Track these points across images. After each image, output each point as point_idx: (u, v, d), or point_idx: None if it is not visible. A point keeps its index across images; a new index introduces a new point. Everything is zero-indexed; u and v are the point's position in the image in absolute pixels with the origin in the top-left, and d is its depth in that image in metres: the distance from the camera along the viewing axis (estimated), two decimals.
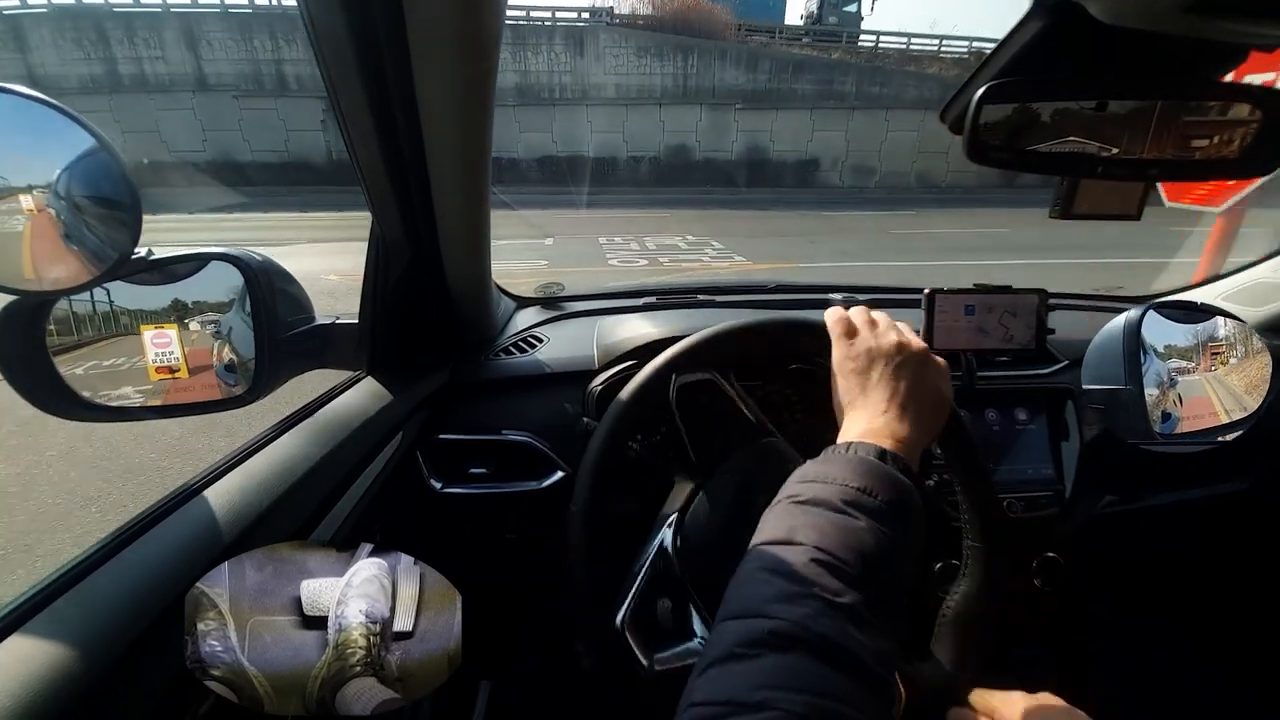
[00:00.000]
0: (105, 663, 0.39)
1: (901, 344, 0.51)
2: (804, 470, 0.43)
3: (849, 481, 0.40)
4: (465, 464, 0.86)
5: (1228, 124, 0.43)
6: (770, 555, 0.37)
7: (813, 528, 0.37)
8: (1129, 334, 0.85)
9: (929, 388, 0.50)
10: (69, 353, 0.54)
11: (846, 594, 0.33)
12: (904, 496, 0.40)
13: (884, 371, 0.49)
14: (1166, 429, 0.85)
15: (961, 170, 16.02)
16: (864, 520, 0.37)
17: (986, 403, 0.95)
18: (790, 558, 0.36)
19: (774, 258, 7.41)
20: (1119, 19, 0.33)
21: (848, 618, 0.32)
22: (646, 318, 1.03)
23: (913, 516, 0.40)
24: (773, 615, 0.32)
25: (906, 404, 0.48)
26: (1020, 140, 0.44)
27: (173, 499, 0.53)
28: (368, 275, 0.76)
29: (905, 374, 0.49)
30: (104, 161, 0.43)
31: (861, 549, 0.36)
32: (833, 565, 0.35)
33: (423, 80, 0.53)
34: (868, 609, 0.34)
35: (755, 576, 0.36)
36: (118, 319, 0.58)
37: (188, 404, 0.62)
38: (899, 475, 0.41)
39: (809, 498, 0.40)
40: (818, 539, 0.36)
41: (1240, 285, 1.15)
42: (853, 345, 0.52)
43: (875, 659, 0.32)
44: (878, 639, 0.33)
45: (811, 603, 0.33)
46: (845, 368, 0.51)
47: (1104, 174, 0.45)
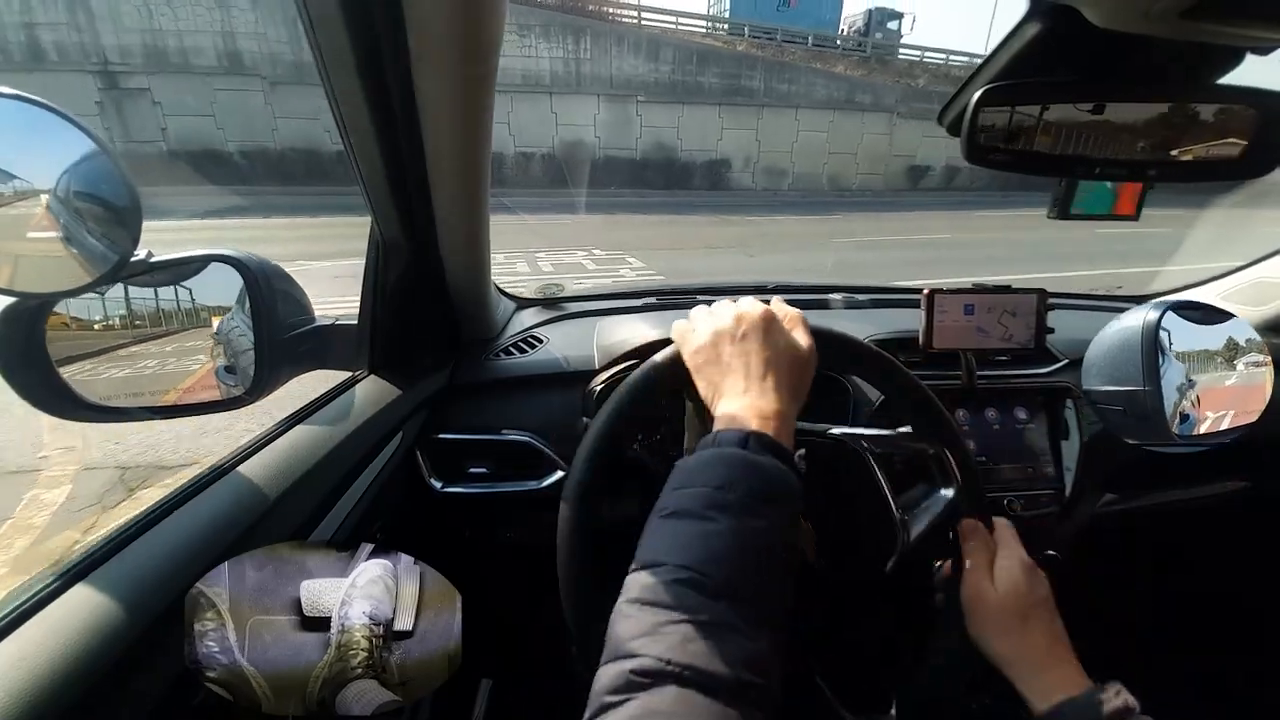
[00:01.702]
0: (106, 662, 0.40)
1: (739, 316, 0.49)
2: (674, 473, 0.43)
3: (709, 482, 0.39)
4: (465, 464, 0.86)
5: (1225, 125, 0.43)
6: (636, 584, 0.36)
7: (675, 543, 0.37)
8: (1147, 335, 0.85)
9: (781, 348, 0.48)
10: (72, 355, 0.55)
11: (710, 609, 0.33)
12: (768, 482, 0.39)
13: (731, 350, 0.47)
14: (1185, 430, 0.84)
15: (870, 173, 15.92)
16: (724, 521, 0.37)
17: (986, 402, 0.95)
18: (654, 582, 0.35)
19: (711, 277, 6.59)
20: (1115, 23, 0.33)
21: (714, 636, 0.32)
22: (646, 318, 1.03)
23: (783, 498, 0.40)
24: (637, 653, 0.32)
25: (764, 373, 0.46)
26: (1018, 142, 0.44)
27: (173, 499, 0.53)
28: (368, 275, 0.76)
29: (752, 343, 0.47)
30: (103, 165, 0.43)
31: (724, 555, 0.36)
32: (696, 581, 0.34)
33: (423, 82, 0.53)
34: (736, 617, 0.33)
35: (622, 612, 0.35)
36: (118, 320, 0.58)
37: (188, 405, 0.62)
38: (761, 459, 0.40)
39: (673, 508, 0.39)
40: (679, 555, 0.36)
41: (1240, 285, 1.15)
42: (694, 336, 0.50)
43: (748, 667, 0.31)
44: (749, 644, 0.32)
45: (675, 630, 0.32)
46: (695, 362, 0.49)
47: (1102, 175, 0.45)
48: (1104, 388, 0.88)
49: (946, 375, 0.90)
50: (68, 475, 2.26)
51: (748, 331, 0.48)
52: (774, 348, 0.47)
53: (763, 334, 0.48)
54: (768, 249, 7.96)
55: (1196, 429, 0.85)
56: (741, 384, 0.46)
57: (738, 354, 0.47)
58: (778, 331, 0.49)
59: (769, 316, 0.49)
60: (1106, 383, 0.88)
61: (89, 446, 2.43)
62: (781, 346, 0.48)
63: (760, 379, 0.46)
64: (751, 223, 10.25)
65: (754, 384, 0.45)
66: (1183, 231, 3.75)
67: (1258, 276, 1.13)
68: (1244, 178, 0.45)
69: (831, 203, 13.35)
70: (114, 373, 0.59)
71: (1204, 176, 0.46)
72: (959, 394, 0.90)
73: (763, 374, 0.46)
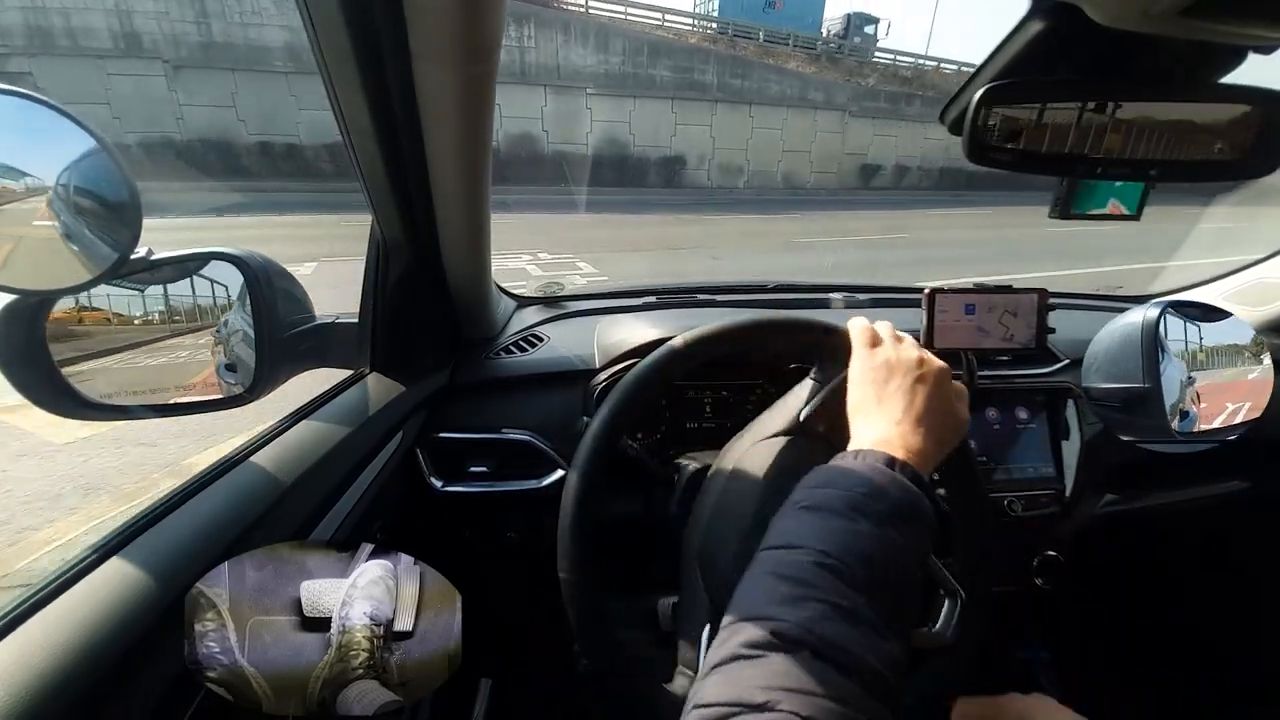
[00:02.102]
0: (106, 662, 0.40)
1: (923, 360, 0.51)
2: (813, 475, 0.44)
3: (855, 487, 0.40)
4: (465, 463, 0.86)
5: (1226, 125, 0.43)
6: (775, 559, 0.37)
7: (817, 532, 0.38)
8: (1147, 332, 0.85)
9: (946, 406, 0.50)
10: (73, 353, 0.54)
11: (850, 597, 0.34)
12: (912, 502, 0.40)
13: (901, 384, 0.49)
14: (1185, 427, 0.84)
15: (823, 171, 15.56)
16: (868, 525, 0.38)
17: (987, 402, 0.95)
18: (795, 561, 0.36)
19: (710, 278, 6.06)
20: (1117, 21, 0.33)
21: (851, 621, 0.33)
22: (647, 317, 1.03)
23: (921, 523, 0.41)
24: (777, 618, 0.33)
25: (921, 418, 0.47)
26: (1020, 141, 0.44)
27: (173, 499, 0.53)
28: (368, 275, 0.76)
29: (923, 389, 0.49)
30: (104, 162, 0.43)
31: (866, 554, 0.36)
32: (836, 569, 0.35)
33: (423, 81, 0.53)
34: (872, 613, 0.34)
35: (760, 580, 0.36)
36: (119, 318, 0.58)
37: (188, 403, 0.62)
38: (907, 482, 0.41)
39: (815, 503, 0.40)
40: (822, 543, 0.37)
41: (1240, 285, 1.15)
42: (874, 355, 0.52)
43: (880, 662, 0.32)
44: (882, 643, 0.33)
45: (815, 605, 0.33)
46: (865, 376, 0.51)
47: (1103, 175, 0.45)
48: (1104, 384, 0.88)
49: None
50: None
51: (925, 375, 0.50)
52: (940, 401, 0.49)
53: (936, 385, 0.50)
54: (734, 249, 7.64)
55: (1196, 426, 0.85)
56: (898, 415, 0.48)
57: (907, 389, 0.49)
58: (951, 392, 0.51)
59: (946, 373, 0.52)
60: (1107, 379, 0.88)
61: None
62: (946, 403, 0.50)
63: (915, 420, 0.47)
64: (711, 222, 9.96)
65: (908, 421, 0.47)
66: (1158, 229, 3.81)
67: (1258, 277, 1.13)
68: (1246, 177, 0.45)
69: (789, 201, 13.13)
70: (115, 370, 0.59)
71: (1206, 176, 0.46)
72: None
73: (920, 417, 0.47)
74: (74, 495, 2.06)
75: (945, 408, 0.50)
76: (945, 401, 0.50)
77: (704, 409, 0.92)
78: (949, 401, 0.50)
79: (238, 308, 0.64)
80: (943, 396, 0.50)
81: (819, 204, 12.92)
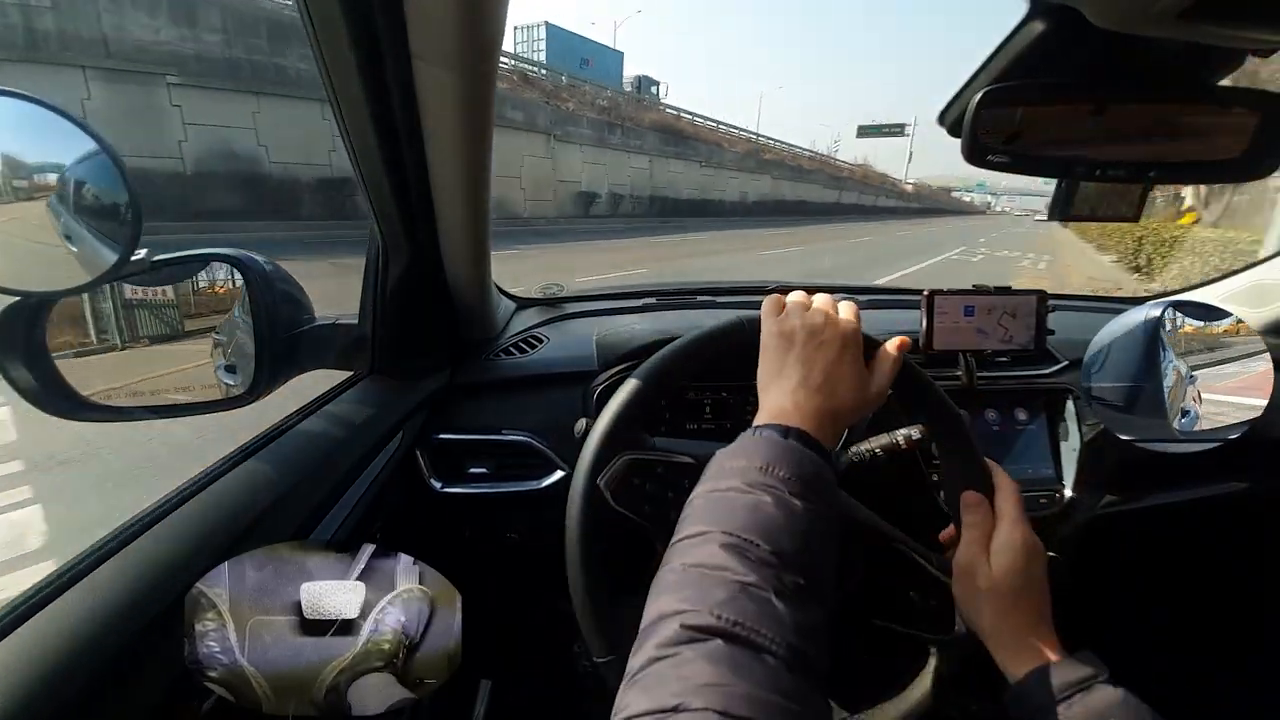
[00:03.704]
0: (105, 662, 0.40)
1: (828, 323, 0.50)
2: (716, 458, 0.44)
3: (753, 462, 0.40)
4: (465, 464, 0.86)
5: (1225, 127, 0.43)
6: (682, 550, 0.37)
7: (720, 514, 0.38)
8: (1149, 332, 0.85)
9: (849, 368, 0.49)
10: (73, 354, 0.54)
11: (756, 573, 0.33)
12: (811, 469, 0.40)
13: (801, 352, 0.48)
14: (1185, 425, 0.85)
15: (538, 199, 14.46)
16: (769, 496, 0.38)
17: (986, 403, 0.95)
18: (700, 548, 0.36)
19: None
20: (1115, 23, 0.33)
21: (762, 599, 0.32)
22: (646, 318, 1.03)
23: (822, 488, 0.40)
24: (686, 609, 0.32)
25: (821, 384, 0.47)
26: (1019, 143, 0.44)
27: (173, 499, 0.53)
28: (368, 275, 0.76)
29: (823, 353, 0.48)
30: (105, 164, 0.43)
31: (770, 526, 0.36)
32: (741, 547, 0.35)
33: (423, 81, 0.53)
34: (783, 585, 0.33)
35: (668, 576, 0.36)
36: (119, 319, 0.58)
37: (188, 404, 0.62)
38: (803, 449, 0.41)
39: (717, 485, 0.40)
40: (726, 524, 0.36)
41: (1240, 286, 1.15)
42: (779, 324, 0.51)
43: (797, 634, 0.32)
44: (797, 614, 0.33)
45: (722, 589, 0.33)
46: (767, 347, 0.51)
47: (1102, 176, 0.45)
48: (1104, 383, 0.88)
49: (946, 376, 0.90)
50: None
51: (827, 340, 0.49)
52: (843, 363, 0.48)
53: (839, 348, 0.49)
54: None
55: (1196, 425, 0.85)
56: (796, 383, 0.47)
57: (806, 356, 0.48)
58: (852, 352, 0.50)
59: (849, 334, 0.50)
60: (1107, 378, 0.88)
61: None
62: (849, 366, 0.49)
63: (816, 387, 0.46)
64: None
65: (805, 388, 0.46)
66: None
67: (1257, 279, 1.13)
68: (1243, 179, 0.45)
69: (513, 232, 12.46)
70: (115, 372, 0.59)
71: (1203, 178, 0.46)
72: (959, 395, 0.90)
73: (820, 383, 0.47)
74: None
75: (848, 370, 0.48)
76: (849, 364, 0.49)
77: (704, 410, 0.93)
78: (852, 363, 0.49)
79: (237, 309, 0.64)
80: (847, 359, 0.49)
81: (544, 236, 12.06)
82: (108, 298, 0.56)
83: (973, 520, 0.54)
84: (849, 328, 0.50)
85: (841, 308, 0.52)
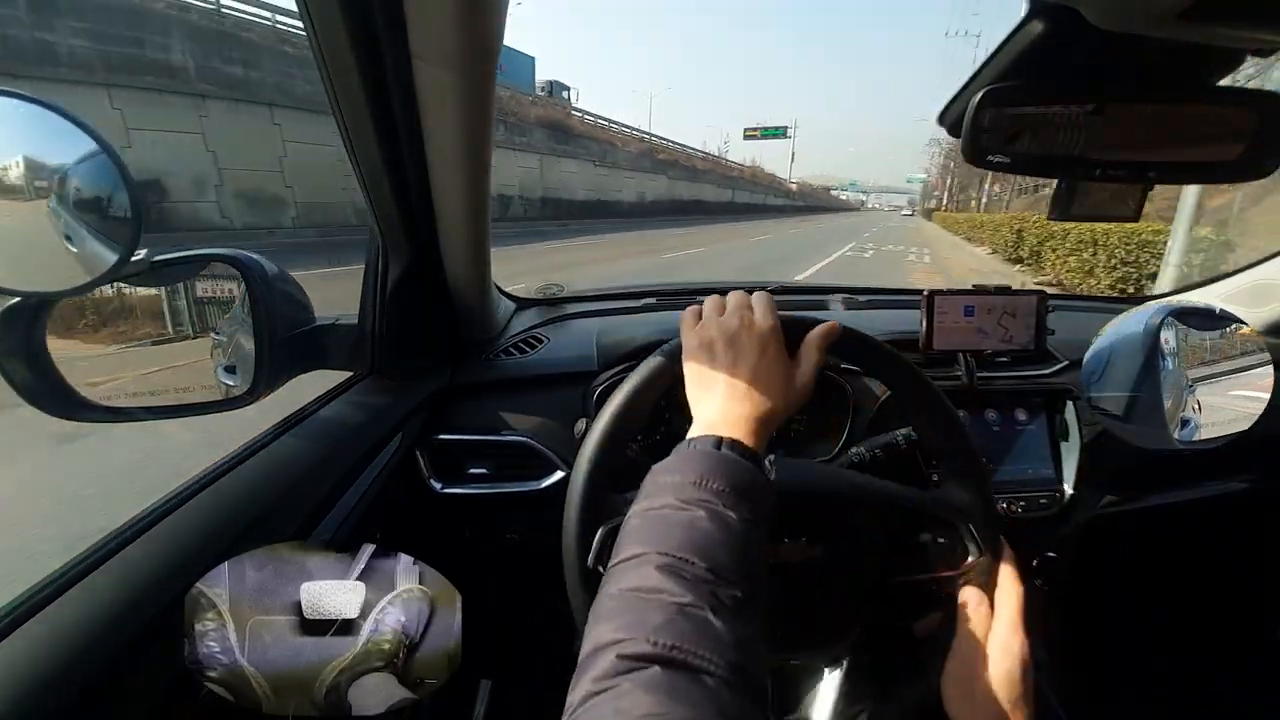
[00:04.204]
0: (105, 662, 0.40)
1: (744, 327, 0.49)
2: (651, 474, 0.43)
3: (687, 478, 0.40)
4: (465, 464, 0.86)
5: (1224, 128, 0.43)
6: (617, 575, 0.36)
7: (656, 533, 0.37)
8: (1147, 340, 0.85)
9: (772, 369, 0.48)
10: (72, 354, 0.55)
11: (692, 592, 0.33)
12: (744, 479, 0.41)
13: (723, 360, 0.48)
14: (1186, 436, 0.84)
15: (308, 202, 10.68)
16: (703, 510, 0.38)
17: (986, 403, 0.95)
18: (636, 571, 0.35)
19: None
20: (1115, 24, 0.33)
21: (699, 619, 0.32)
22: (646, 318, 1.03)
23: (756, 495, 0.40)
24: (621, 638, 0.31)
25: (747, 390, 0.46)
26: (1018, 143, 0.44)
27: (173, 499, 0.53)
28: (368, 275, 0.76)
29: (745, 358, 0.48)
30: (105, 164, 0.43)
31: (705, 542, 0.36)
32: (676, 567, 0.35)
33: (423, 81, 0.53)
34: (720, 603, 0.33)
35: (604, 605, 0.35)
36: (119, 320, 0.58)
37: (188, 405, 0.62)
38: (736, 458, 0.41)
39: (651, 504, 0.40)
40: (660, 544, 0.36)
41: (1240, 286, 1.15)
42: (696, 335, 0.51)
43: (737, 652, 0.31)
44: (737, 631, 0.32)
45: (658, 613, 0.32)
46: (690, 359, 0.50)
47: (1102, 177, 0.45)
48: (1103, 394, 0.88)
49: (946, 376, 0.90)
50: None
51: (744, 345, 0.48)
52: (766, 365, 0.48)
53: (758, 351, 0.48)
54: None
55: (1197, 435, 0.85)
56: (723, 392, 0.47)
57: (727, 363, 0.48)
58: (772, 351, 0.49)
59: (767, 334, 0.49)
60: (1106, 389, 0.88)
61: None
62: (772, 366, 0.48)
63: (742, 394, 0.46)
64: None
65: (732, 396, 0.46)
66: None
67: (1257, 279, 1.13)
68: (1242, 180, 0.45)
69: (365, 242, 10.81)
70: (115, 372, 0.59)
71: (1203, 178, 0.46)
72: (959, 395, 0.91)
73: (746, 390, 0.46)
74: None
75: (771, 370, 0.48)
76: (771, 363, 0.48)
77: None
78: (774, 363, 0.49)
79: (238, 309, 0.64)
80: (768, 359, 0.48)
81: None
82: (181, 295, 0.63)
83: (970, 617, 0.53)
84: (765, 326, 0.50)
85: (757, 307, 0.51)
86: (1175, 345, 0.87)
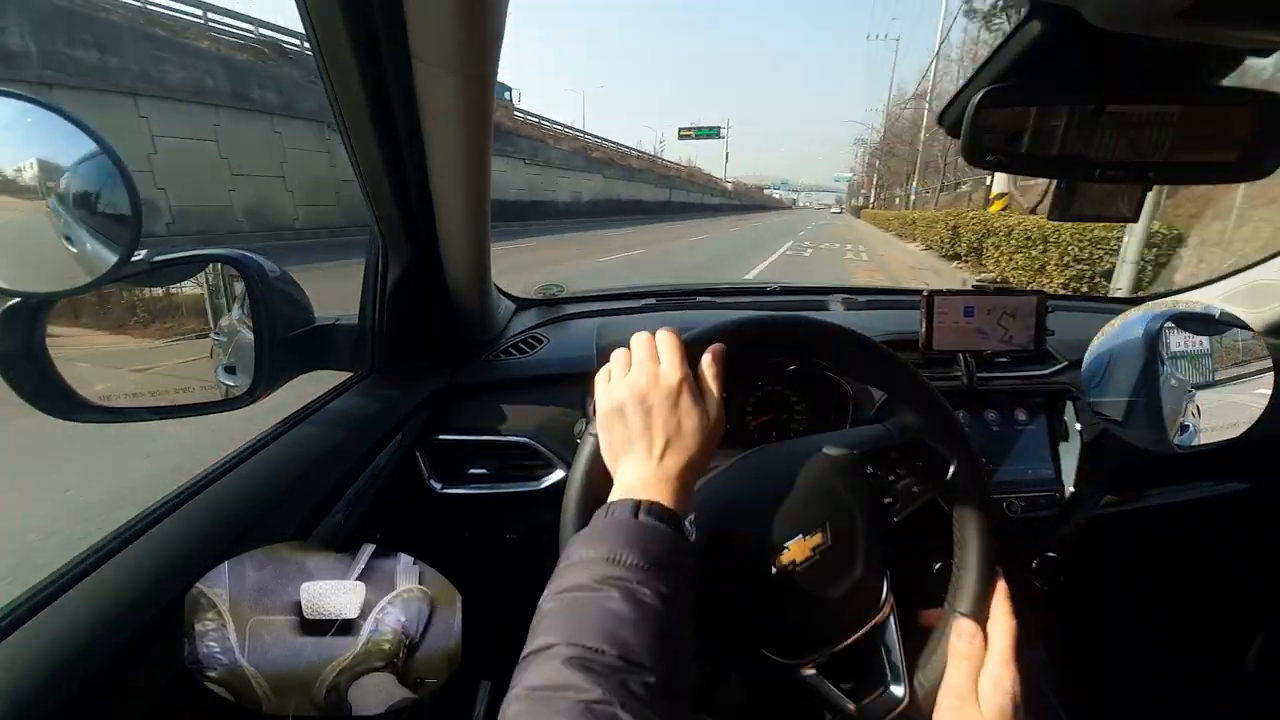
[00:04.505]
0: (105, 662, 0.40)
1: (651, 381, 0.48)
2: (570, 545, 0.42)
3: (601, 554, 0.39)
4: (465, 464, 0.86)
5: (1223, 127, 0.43)
6: (527, 668, 0.36)
7: (566, 622, 0.37)
8: (1146, 345, 0.84)
9: (683, 421, 0.47)
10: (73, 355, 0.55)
11: (602, 685, 0.32)
12: (662, 547, 0.40)
13: (634, 422, 0.47)
14: (1185, 441, 0.84)
15: (315, 204, 11.37)
16: (616, 590, 0.37)
17: (986, 403, 0.95)
18: (544, 666, 0.35)
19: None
20: (1114, 23, 0.33)
21: (605, 714, 0.31)
22: (646, 318, 1.03)
23: (675, 562, 0.40)
24: None
25: (662, 449, 0.46)
26: (1018, 143, 0.45)
27: (173, 499, 0.53)
28: (368, 276, 0.76)
29: (657, 415, 0.47)
30: (105, 165, 0.43)
31: (616, 628, 0.35)
32: (585, 659, 0.34)
33: (423, 81, 0.53)
34: (627, 691, 0.33)
35: (511, 709, 0.34)
36: (119, 320, 0.58)
37: (188, 405, 0.62)
38: (655, 523, 0.41)
39: (564, 585, 0.39)
40: (570, 634, 0.35)
41: (1240, 286, 1.15)
42: (608, 396, 0.49)
43: None
44: (648, 716, 0.32)
45: (565, 714, 0.31)
46: (603, 426, 0.49)
47: (1101, 177, 0.45)
48: (1102, 398, 0.88)
49: (946, 377, 0.90)
50: None
51: (653, 402, 0.47)
52: (677, 417, 0.47)
53: (667, 404, 0.47)
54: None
55: (1196, 440, 0.85)
56: (643, 454, 0.46)
57: (640, 424, 0.47)
58: (680, 401, 0.48)
59: (674, 387, 0.48)
60: (1105, 393, 0.88)
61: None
62: (681, 417, 0.47)
63: (660, 453, 0.46)
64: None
65: (653, 458, 0.46)
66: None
67: (1256, 279, 1.13)
68: (1242, 180, 0.45)
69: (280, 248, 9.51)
70: (115, 372, 0.59)
71: (1202, 178, 0.46)
72: (958, 395, 0.91)
73: (664, 447, 0.46)
74: None
75: (683, 419, 0.47)
76: (684, 412, 0.47)
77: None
78: (688, 410, 0.47)
79: (237, 310, 0.64)
80: (681, 408, 0.47)
81: (328, 251, 8.70)
82: (222, 295, 0.65)
83: (964, 650, 0.53)
84: (674, 380, 0.48)
85: (663, 356, 0.50)
86: (1175, 349, 0.87)
